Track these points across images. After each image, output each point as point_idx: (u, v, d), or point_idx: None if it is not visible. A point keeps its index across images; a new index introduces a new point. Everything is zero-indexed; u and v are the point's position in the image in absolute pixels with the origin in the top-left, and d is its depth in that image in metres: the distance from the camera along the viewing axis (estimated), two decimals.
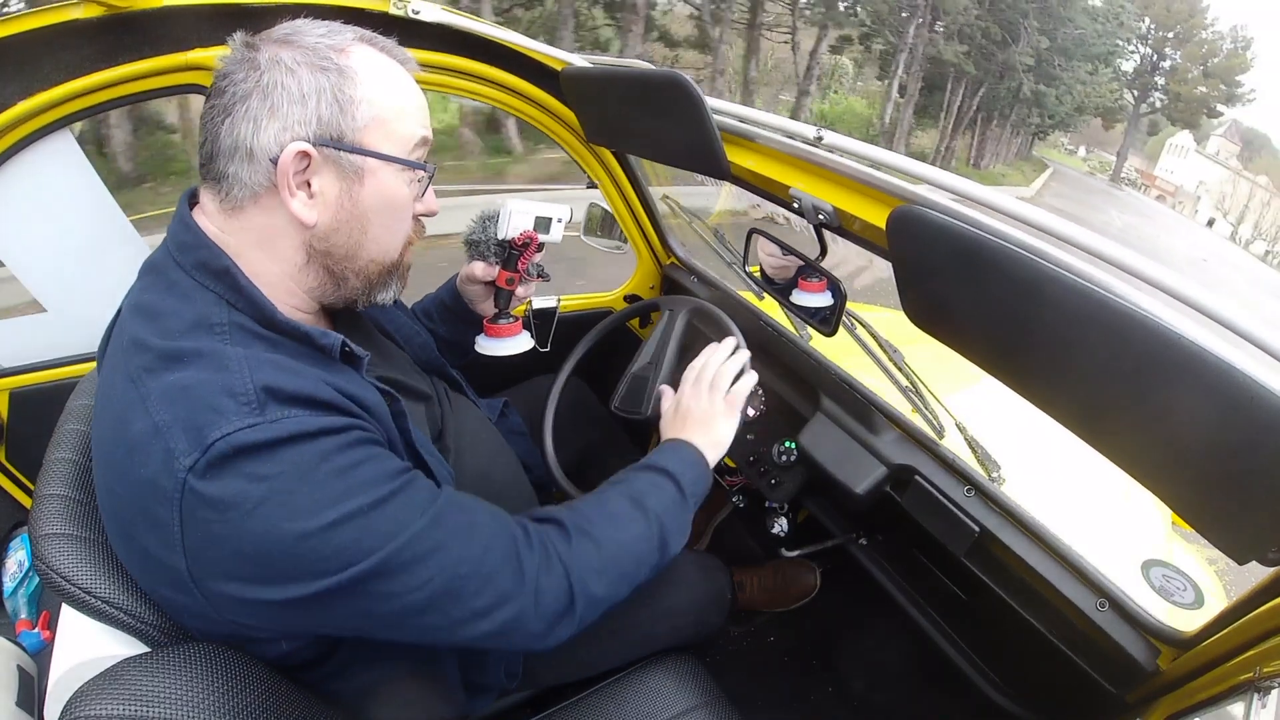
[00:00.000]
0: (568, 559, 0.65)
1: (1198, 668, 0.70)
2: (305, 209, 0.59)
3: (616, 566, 0.69)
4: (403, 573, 0.54)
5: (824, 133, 0.86)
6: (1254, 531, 0.55)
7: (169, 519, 0.50)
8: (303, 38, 0.58)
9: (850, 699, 1.46)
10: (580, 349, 1.23)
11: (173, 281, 0.58)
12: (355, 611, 0.54)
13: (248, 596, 0.52)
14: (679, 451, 0.85)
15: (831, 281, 1.00)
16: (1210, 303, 0.52)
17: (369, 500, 0.53)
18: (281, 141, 0.56)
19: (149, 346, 0.54)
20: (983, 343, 0.72)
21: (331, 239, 0.61)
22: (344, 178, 0.60)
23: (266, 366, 0.53)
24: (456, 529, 0.59)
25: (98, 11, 0.82)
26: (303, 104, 0.57)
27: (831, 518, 1.31)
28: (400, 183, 0.63)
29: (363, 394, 0.60)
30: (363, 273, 0.65)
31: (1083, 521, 1.04)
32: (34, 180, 0.92)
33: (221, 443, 0.49)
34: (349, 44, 0.60)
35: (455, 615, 0.58)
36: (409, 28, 0.98)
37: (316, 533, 0.50)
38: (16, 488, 1.08)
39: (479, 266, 0.97)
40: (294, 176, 0.57)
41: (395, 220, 0.65)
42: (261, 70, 0.56)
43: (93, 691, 0.50)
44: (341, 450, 0.53)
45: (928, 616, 1.21)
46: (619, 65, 1.06)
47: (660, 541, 0.74)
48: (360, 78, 0.59)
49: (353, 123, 0.59)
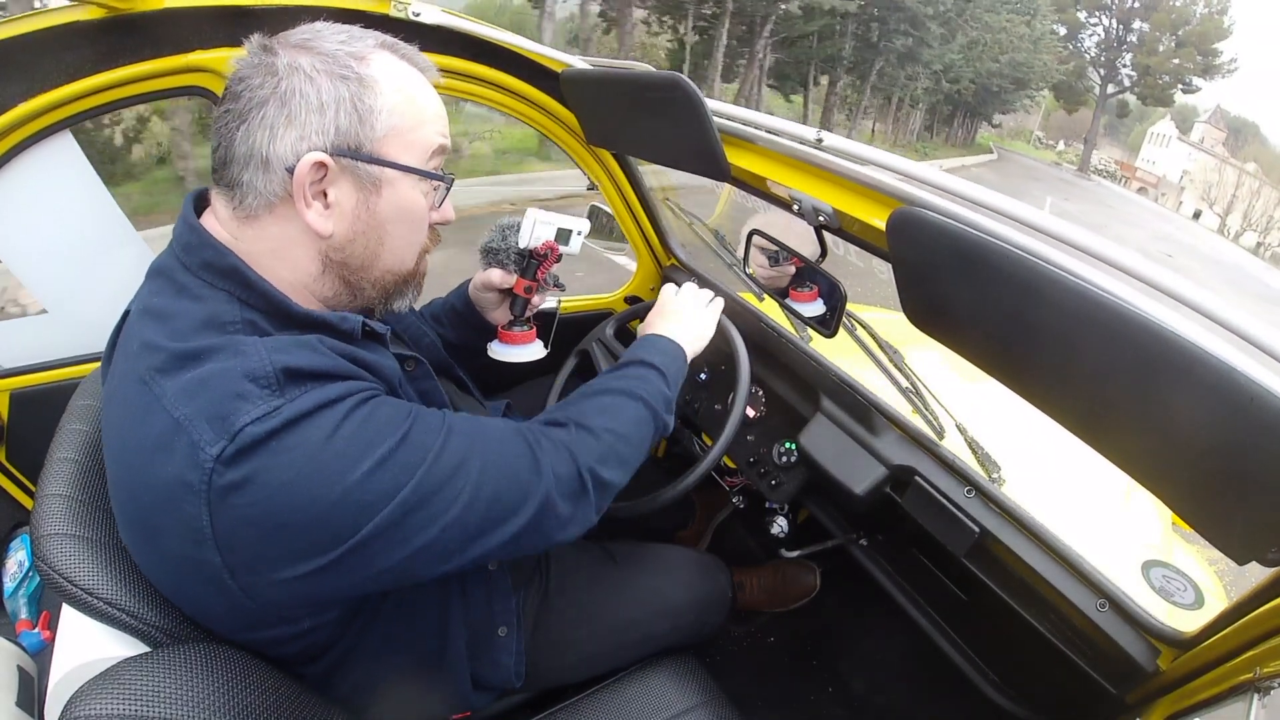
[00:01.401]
0: (573, 446, 0.69)
1: (1198, 668, 0.70)
2: (321, 220, 0.58)
3: (615, 453, 0.73)
4: (438, 493, 0.56)
5: (824, 134, 0.86)
6: (1254, 532, 0.55)
7: (198, 514, 0.49)
8: (322, 43, 0.58)
9: (850, 699, 1.46)
10: (572, 361, 1.23)
11: (181, 284, 0.57)
12: (401, 551, 0.55)
13: (290, 574, 0.52)
14: (656, 343, 0.90)
15: (830, 283, 1.00)
16: (1210, 303, 0.52)
17: (394, 441, 0.54)
18: (298, 151, 0.56)
19: (161, 348, 0.54)
20: (982, 344, 0.72)
21: (347, 249, 0.61)
22: (361, 188, 0.59)
23: (287, 347, 0.54)
24: (471, 436, 0.61)
25: (99, 13, 0.82)
26: (321, 113, 0.56)
27: (832, 518, 1.31)
28: (417, 193, 0.63)
29: (378, 361, 0.61)
30: (379, 282, 0.65)
31: (1083, 522, 1.04)
32: (35, 181, 0.92)
33: (251, 428, 0.49)
34: (370, 51, 0.59)
35: (492, 517, 0.60)
36: (409, 30, 0.98)
37: (354, 487, 0.51)
38: (17, 488, 1.08)
39: (496, 274, 0.98)
40: (310, 187, 0.57)
41: (412, 230, 0.65)
42: (280, 77, 0.55)
43: (93, 691, 0.50)
44: (357, 408, 0.54)
45: (928, 616, 1.21)
46: (619, 67, 1.06)
47: (653, 421, 0.80)
48: (380, 87, 0.58)
49: (371, 133, 0.58)
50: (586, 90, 1.14)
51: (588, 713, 0.93)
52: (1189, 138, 50.51)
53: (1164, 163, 50.37)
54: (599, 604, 0.97)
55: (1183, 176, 47.58)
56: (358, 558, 0.53)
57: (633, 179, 1.41)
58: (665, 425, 0.82)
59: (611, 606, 0.98)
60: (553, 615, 0.93)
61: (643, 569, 1.05)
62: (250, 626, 0.59)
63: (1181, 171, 48.02)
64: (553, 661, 0.93)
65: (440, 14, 1.00)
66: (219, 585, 0.52)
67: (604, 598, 0.98)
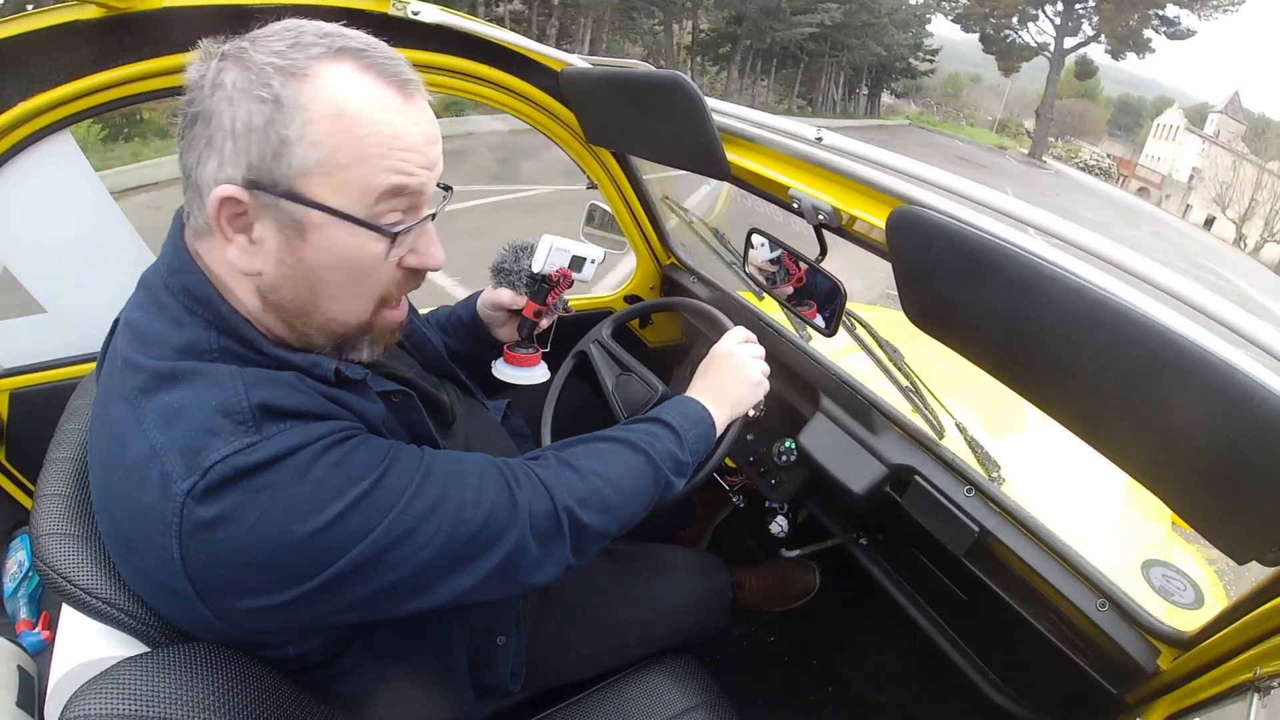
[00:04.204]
0: (550, 483, 0.65)
1: (1198, 668, 0.70)
2: (243, 256, 0.53)
3: (599, 496, 0.68)
4: (411, 535, 0.54)
5: (824, 133, 0.86)
6: (1254, 531, 0.55)
7: (169, 545, 0.49)
8: (255, 53, 0.50)
9: (850, 699, 1.46)
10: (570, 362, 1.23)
11: (162, 304, 0.56)
12: (371, 589, 0.54)
13: (261, 605, 0.52)
14: (682, 405, 0.84)
15: (830, 283, 1.00)
16: (1211, 303, 0.52)
17: (369, 482, 0.53)
18: (216, 179, 0.50)
19: (142, 367, 0.53)
20: (982, 343, 0.72)
21: (279, 292, 0.55)
22: (282, 229, 0.52)
23: (264, 382, 0.52)
24: (447, 477, 0.59)
25: (98, 13, 0.82)
26: (233, 140, 0.49)
27: (831, 517, 1.31)
28: (359, 241, 0.54)
29: (363, 406, 0.59)
30: (324, 329, 0.58)
31: (1083, 521, 1.04)
32: (34, 181, 0.92)
33: (220, 466, 0.48)
34: (310, 64, 0.50)
35: (464, 557, 0.58)
36: (408, 28, 0.98)
37: (325, 527, 0.50)
38: (16, 488, 1.08)
39: (506, 294, 0.98)
40: (228, 220, 0.51)
41: (355, 281, 0.57)
42: (205, 93, 0.50)
43: (93, 691, 0.50)
44: (334, 446, 0.53)
45: (928, 616, 1.21)
46: (619, 66, 1.06)
47: (653, 476, 0.74)
48: (308, 113, 0.49)
49: (287, 169, 0.50)
50: (586, 89, 1.14)
51: (588, 712, 0.93)
52: (1202, 130, 42.45)
53: (1170, 159, 43.37)
54: (599, 604, 0.97)
55: (1192, 176, 40.33)
56: (325, 594, 0.52)
57: (632, 178, 1.41)
58: (670, 485, 0.76)
59: (611, 606, 0.98)
60: (553, 615, 0.93)
61: (643, 569, 1.04)
62: (231, 643, 0.58)
63: (1191, 170, 40.81)
64: (553, 661, 0.93)
65: (440, 13, 1.00)
66: (193, 608, 0.52)
67: (604, 598, 0.98)
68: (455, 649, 0.77)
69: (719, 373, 0.91)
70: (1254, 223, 34.04)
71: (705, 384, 0.90)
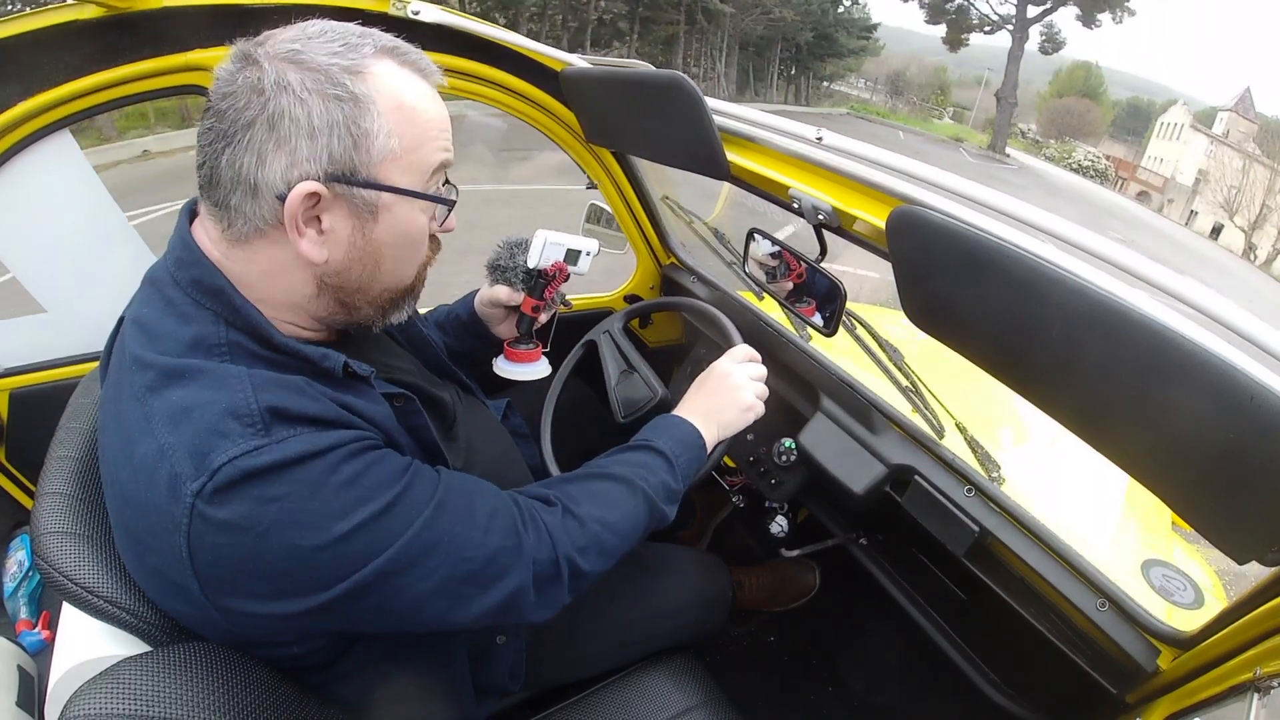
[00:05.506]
0: (555, 533, 0.66)
1: (1198, 668, 0.70)
2: (315, 248, 0.55)
3: (598, 543, 0.70)
4: (414, 565, 0.55)
5: (824, 133, 0.86)
6: (1254, 531, 0.55)
7: (178, 545, 0.49)
8: (314, 55, 0.52)
9: (850, 699, 1.46)
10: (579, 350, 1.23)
11: (170, 299, 0.56)
12: (370, 608, 0.55)
13: (264, 611, 0.52)
14: (677, 429, 0.84)
15: (830, 281, 1.00)
16: (1210, 303, 0.52)
17: (380, 505, 0.53)
18: (289, 179, 0.52)
19: (150, 364, 0.53)
20: (982, 343, 0.72)
21: (343, 275, 0.59)
22: (357, 214, 0.56)
23: (273, 386, 0.52)
24: (459, 513, 0.59)
25: (98, 12, 0.82)
26: (312, 138, 0.52)
27: (831, 517, 1.31)
28: (417, 213, 0.60)
29: (371, 409, 0.60)
30: (376, 301, 0.63)
31: (1083, 521, 1.04)
32: (34, 180, 0.92)
33: (228, 467, 0.48)
34: (367, 61, 0.54)
35: (463, 594, 0.59)
36: (408, 28, 0.98)
37: (332, 544, 0.50)
38: (16, 488, 1.08)
39: (503, 291, 0.98)
40: (302, 215, 0.54)
41: (411, 250, 0.62)
42: (267, 96, 0.51)
43: (93, 691, 0.50)
44: (348, 460, 0.53)
45: (928, 616, 1.21)
46: (619, 66, 1.06)
47: (648, 514, 0.76)
48: (378, 106, 0.54)
49: (368, 158, 0.54)
50: (586, 89, 1.14)
51: (588, 712, 0.94)
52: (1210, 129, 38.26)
53: (1174, 160, 39.07)
54: (599, 603, 0.97)
55: (1198, 179, 36.03)
56: (325, 608, 0.52)
57: (632, 178, 1.41)
58: (663, 517, 0.78)
59: (611, 606, 0.98)
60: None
61: (643, 568, 1.05)
62: (236, 642, 0.59)
63: (1197, 172, 36.39)
64: (553, 661, 0.93)
65: (440, 12, 1.00)
66: (201, 607, 0.52)
67: (604, 597, 0.98)
68: (455, 649, 0.78)
69: (713, 392, 0.90)
70: (1265, 230, 29.86)
71: (699, 401, 0.89)
